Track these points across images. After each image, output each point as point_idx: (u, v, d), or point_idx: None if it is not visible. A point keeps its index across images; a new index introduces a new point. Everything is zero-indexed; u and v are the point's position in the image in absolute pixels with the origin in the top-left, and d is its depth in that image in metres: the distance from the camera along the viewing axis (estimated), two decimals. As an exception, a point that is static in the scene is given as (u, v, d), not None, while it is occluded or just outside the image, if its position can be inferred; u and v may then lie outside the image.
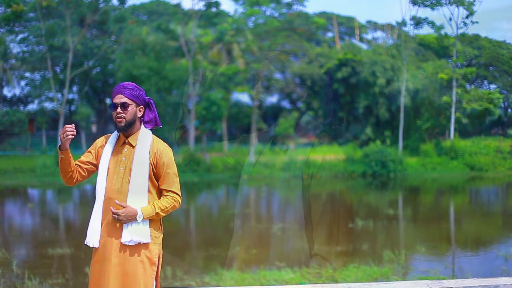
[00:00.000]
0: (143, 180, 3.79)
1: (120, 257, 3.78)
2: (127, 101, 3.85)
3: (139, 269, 3.77)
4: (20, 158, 37.78)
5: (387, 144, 38.59)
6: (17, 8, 39.93)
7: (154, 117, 4.02)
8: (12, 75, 42.94)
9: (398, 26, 44.07)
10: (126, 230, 3.77)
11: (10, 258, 13.91)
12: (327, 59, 43.15)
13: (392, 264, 12.96)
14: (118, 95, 3.88)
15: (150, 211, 3.72)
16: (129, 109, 3.85)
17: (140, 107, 3.92)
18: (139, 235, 3.77)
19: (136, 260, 3.77)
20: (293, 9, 45.72)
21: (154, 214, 3.74)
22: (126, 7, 44.42)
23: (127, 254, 3.77)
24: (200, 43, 41.03)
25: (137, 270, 3.76)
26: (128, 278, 3.76)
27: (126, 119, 3.84)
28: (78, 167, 4.01)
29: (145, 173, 3.83)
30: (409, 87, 40.15)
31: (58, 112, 40.42)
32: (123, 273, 3.76)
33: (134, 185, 3.78)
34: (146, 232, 3.79)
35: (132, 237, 3.76)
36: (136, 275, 3.76)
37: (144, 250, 3.81)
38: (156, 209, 3.75)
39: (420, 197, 29.73)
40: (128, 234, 3.76)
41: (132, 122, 3.87)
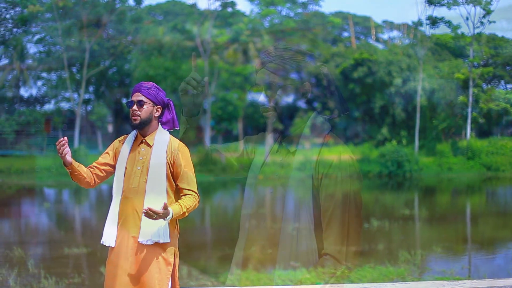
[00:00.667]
0: (160, 179, 3.80)
1: (136, 256, 3.78)
2: (144, 99, 3.87)
3: (155, 269, 3.77)
4: (37, 157, 37.92)
5: (403, 144, 38.44)
6: (34, 9, 40.08)
7: (172, 119, 4.03)
8: (29, 75, 43.09)
9: (414, 25, 43.92)
10: (144, 230, 3.77)
11: (26, 257, 13.97)
12: (343, 59, 43.05)
13: (408, 265, 12.92)
14: (136, 93, 3.90)
15: (178, 210, 3.72)
16: (144, 107, 3.86)
17: (157, 107, 3.92)
18: (158, 235, 3.77)
19: (152, 260, 3.78)
20: (308, 9, 45.68)
21: (181, 214, 3.74)
22: (142, 7, 44.50)
23: (143, 254, 3.78)
24: (216, 43, 41.05)
25: (152, 270, 3.77)
26: (143, 277, 3.76)
27: (141, 117, 3.86)
28: (96, 168, 4.02)
29: (162, 172, 3.84)
30: (425, 87, 39.99)
31: (75, 112, 40.57)
32: (138, 272, 3.77)
33: (151, 184, 3.78)
34: (164, 232, 3.79)
35: (150, 236, 3.76)
36: (151, 275, 3.77)
37: (160, 250, 3.81)
38: (183, 208, 3.75)
39: (436, 197, 29.62)
40: (146, 234, 3.76)
41: (147, 121, 3.89)
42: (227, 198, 29.26)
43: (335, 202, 3.73)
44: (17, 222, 21.46)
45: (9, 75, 42.73)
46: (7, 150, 39.09)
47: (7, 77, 42.73)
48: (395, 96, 41.05)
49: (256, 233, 4.01)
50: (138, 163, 3.88)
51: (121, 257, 3.81)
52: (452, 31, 41.76)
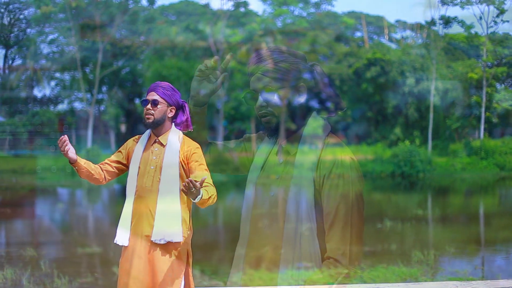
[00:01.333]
0: (173, 178, 3.81)
1: (149, 255, 3.79)
2: (158, 99, 3.89)
3: (168, 268, 3.78)
4: (50, 157, 38.03)
5: (416, 144, 38.30)
6: (47, 9, 40.23)
7: (185, 120, 4.03)
8: (42, 75, 43.25)
9: (427, 25, 43.80)
10: (157, 229, 3.78)
11: (39, 256, 14.02)
12: (356, 58, 42.98)
13: (421, 265, 12.89)
14: (151, 92, 3.93)
15: (206, 195, 3.71)
16: (158, 107, 3.88)
17: (171, 108, 3.94)
18: (171, 235, 3.78)
19: (165, 259, 3.79)
20: (321, 9, 45.64)
21: (206, 199, 3.73)
22: (155, 7, 44.60)
23: (157, 253, 3.79)
24: (228, 43, 41.08)
25: (165, 269, 3.78)
26: (156, 277, 3.78)
27: (154, 116, 3.88)
28: (107, 165, 4.03)
29: (175, 171, 3.85)
30: (438, 86, 39.88)
31: (88, 112, 40.69)
32: (151, 271, 3.78)
33: (165, 183, 3.79)
34: (177, 231, 3.80)
35: (163, 236, 3.77)
36: (165, 274, 3.78)
37: (174, 249, 3.82)
38: (209, 193, 3.74)
39: (449, 197, 29.53)
40: (159, 233, 3.77)
41: (160, 120, 3.90)
42: (240, 198, 29.31)
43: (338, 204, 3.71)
44: (30, 221, 21.55)
45: (23, 75, 42.91)
46: (20, 150, 39.23)
47: (21, 78, 42.90)
48: (408, 96, 40.95)
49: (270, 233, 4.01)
50: (152, 163, 3.89)
51: (135, 256, 3.82)
52: (465, 30, 41.63)
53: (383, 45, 46.56)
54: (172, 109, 3.94)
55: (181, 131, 4.03)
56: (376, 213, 22.89)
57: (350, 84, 43.11)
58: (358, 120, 43.15)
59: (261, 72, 3.85)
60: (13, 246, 16.52)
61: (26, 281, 11.70)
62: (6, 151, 39.05)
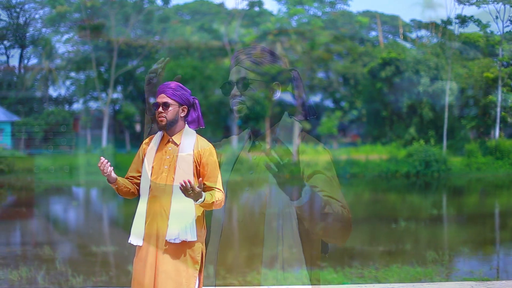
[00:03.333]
0: (187, 177, 3.80)
1: (163, 255, 3.80)
2: (169, 100, 3.88)
3: (182, 267, 3.79)
4: (65, 156, 38.18)
5: (431, 144, 38.20)
6: (62, 9, 40.40)
7: (197, 118, 4.04)
8: (58, 75, 43.43)
9: (443, 24, 43.65)
10: (171, 228, 3.79)
11: (54, 255, 14.08)
12: (370, 58, 42.91)
13: (436, 265, 12.87)
14: (161, 94, 3.92)
15: (209, 198, 3.73)
16: (170, 109, 3.88)
17: (183, 107, 3.94)
18: (185, 233, 3.78)
19: (179, 258, 3.79)
20: (336, 8, 45.58)
21: (210, 203, 3.75)
22: (170, 7, 44.69)
23: (171, 252, 3.79)
24: (243, 43, 41.08)
25: (179, 268, 3.78)
26: (170, 276, 3.78)
27: (167, 118, 3.88)
28: (134, 179, 4.05)
29: (189, 170, 3.85)
30: (453, 86, 39.74)
31: (103, 112, 40.82)
32: (165, 271, 3.79)
33: (179, 182, 3.80)
34: (192, 230, 3.81)
35: (178, 235, 3.78)
36: (179, 273, 3.78)
37: (188, 249, 3.82)
38: (213, 198, 3.77)
39: (464, 197, 29.44)
40: (173, 232, 3.78)
41: (173, 121, 3.90)
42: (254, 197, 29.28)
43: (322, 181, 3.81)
44: (45, 220, 21.64)
45: (38, 74, 43.09)
46: (36, 149, 39.39)
47: (36, 77, 43.09)
48: (423, 96, 40.84)
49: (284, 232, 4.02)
50: (165, 162, 3.90)
51: (149, 255, 3.83)
52: (481, 29, 41.45)
53: (398, 45, 46.43)
54: (184, 108, 3.94)
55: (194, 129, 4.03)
56: (391, 213, 22.86)
57: (364, 83, 43.06)
58: (372, 120, 43.08)
59: (241, 65, 3.95)
60: (28, 245, 16.61)
61: (41, 280, 11.75)
62: (22, 150, 39.22)
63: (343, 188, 3.64)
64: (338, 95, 46.93)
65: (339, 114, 43.54)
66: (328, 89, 46.71)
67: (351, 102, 44.71)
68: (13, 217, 23.15)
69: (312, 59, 42.54)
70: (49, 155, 38.49)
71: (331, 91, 46.80)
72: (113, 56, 40.38)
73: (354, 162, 37.10)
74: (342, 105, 46.06)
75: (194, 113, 4.02)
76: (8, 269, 12.69)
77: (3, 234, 19.87)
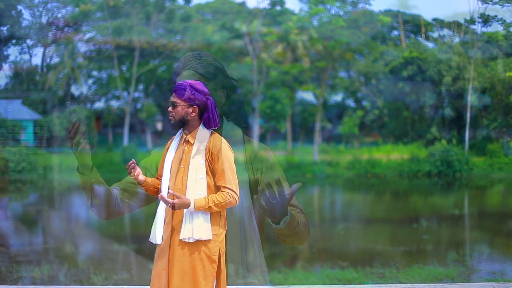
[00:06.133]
0: (200, 176, 3.82)
1: (180, 254, 3.81)
2: (177, 100, 3.92)
3: (198, 266, 3.80)
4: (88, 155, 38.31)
5: (452, 144, 38.04)
6: (85, 8, 40.64)
7: (207, 118, 4.04)
8: (80, 73, 43.68)
9: (466, 23, 43.43)
10: (185, 227, 3.80)
11: (76, 253, 14.16)
12: (392, 57, 42.80)
13: (457, 265, 12.82)
14: (173, 93, 3.97)
15: (203, 203, 3.72)
16: (178, 108, 3.91)
17: (193, 107, 3.95)
18: (200, 232, 3.79)
19: (195, 257, 3.80)
20: (358, 7, 45.47)
21: (206, 207, 3.74)
22: (192, 6, 44.82)
23: (186, 251, 3.80)
24: (264, 42, 41.11)
25: (195, 268, 3.79)
26: (187, 275, 3.79)
27: (175, 117, 3.92)
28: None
29: (201, 169, 3.86)
30: (476, 85, 39.54)
31: (124, 110, 41.02)
32: (182, 270, 3.81)
33: (192, 182, 3.81)
34: (207, 229, 3.81)
35: (192, 234, 3.79)
36: (195, 272, 3.79)
37: (204, 248, 3.82)
38: (209, 202, 3.75)
39: (486, 198, 29.28)
40: (187, 231, 3.79)
41: (182, 121, 3.93)
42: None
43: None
44: (68, 218, 21.75)
45: (60, 73, 43.36)
46: (58, 147, 39.64)
47: (59, 76, 43.35)
48: (445, 95, 40.69)
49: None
50: (182, 162, 3.92)
51: (167, 254, 3.86)
52: (504, 29, 41.20)
53: (420, 44, 46.28)
54: (195, 108, 3.95)
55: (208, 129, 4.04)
56: (412, 213, 22.79)
57: (386, 82, 42.94)
58: (394, 119, 42.98)
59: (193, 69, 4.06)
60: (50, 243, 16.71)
61: (63, 277, 11.82)
62: (44, 148, 39.47)
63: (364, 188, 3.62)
64: (360, 95, 46.86)
65: (360, 114, 43.48)
66: (349, 88, 46.63)
67: (373, 102, 44.61)
68: (35, 215, 23.31)
69: (334, 58, 42.49)
70: (71, 154, 38.67)
71: (352, 91, 46.73)
72: (134, 55, 40.56)
73: (375, 161, 37.04)
74: (364, 104, 45.98)
75: (206, 113, 4.04)
76: (30, 267, 12.78)
77: (25, 232, 20.01)
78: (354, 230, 18.95)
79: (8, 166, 34.46)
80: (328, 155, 39.23)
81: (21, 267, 12.82)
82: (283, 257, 12.61)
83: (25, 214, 24.10)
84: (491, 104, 40.17)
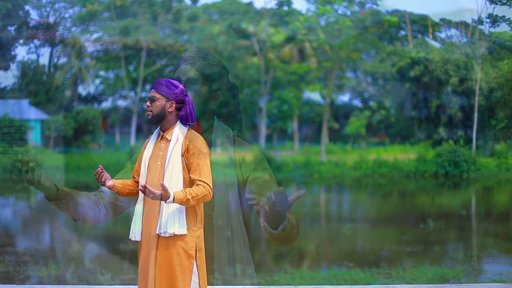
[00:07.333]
0: (176, 172, 3.89)
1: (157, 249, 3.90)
2: (156, 95, 4.01)
3: (175, 261, 3.86)
4: (94, 155, 38.48)
5: (460, 144, 37.96)
6: (92, 8, 40.73)
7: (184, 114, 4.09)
8: (87, 73, 43.77)
9: (473, 24, 43.34)
10: (161, 222, 3.86)
11: (83, 253, 14.19)
12: (399, 57, 42.76)
13: (464, 266, 12.81)
14: (151, 90, 4.05)
15: (181, 196, 3.75)
16: (156, 103, 3.99)
17: (170, 102, 4.01)
18: (173, 227, 3.84)
19: (173, 252, 3.86)
20: (365, 8, 45.43)
21: (184, 200, 3.77)
22: (198, 6, 44.86)
23: (165, 246, 3.87)
24: (271, 42, 41.12)
25: (173, 262, 3.86)
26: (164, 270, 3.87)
27: (153, 112, 3.99)
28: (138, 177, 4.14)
29: (178, 165, 3.92)
30: (483, 86, 39.47)
31: (131, 110, 41.10)
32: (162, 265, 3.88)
33: (168, 178, 3.87)
34: (181, 224, 3.87)
35: (167, 228, 3.84)
36: (173, 267, 3.86)
37: (180, 242, 3.88)
38: (187, 195, 3.78)
39: (493, 198, 29.25)
40: (163, 225, 3.86)
41: (159, 116, 4.01)
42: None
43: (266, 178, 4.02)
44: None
45: (68, 73, 43.47)
46: (65, 147, 39.74)
47: (66, 76, 43.46)
48: (452, 95, 40.63)
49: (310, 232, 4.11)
50: (158, 158, 3.99)
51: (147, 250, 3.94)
52: (511, 29, 41.11)
53: (427, 44, 46.23)
54: (172, 103, 4.01)
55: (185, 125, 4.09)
56: (419, 213, 22.77)
57: (393, 83, 42.90)
58: (401, 120, 42.94)
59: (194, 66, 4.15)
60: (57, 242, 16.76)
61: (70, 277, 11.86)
62: (51, 148, 39.57)
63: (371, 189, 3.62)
64: (367, 95, 46.82)
65: (367, 114, 43.45)
66: (356, 88, 46.61)
67: (380, 102, 44.55)
68: (42, 215, 23.38)
69: (341, 58, 42.47)
70: (78, 153, 38.79)
71: (359, 91, 46.70)
72: (141, 55, 40.62)
73: (382, 162, 37.01)
74: (371, 104, 45.95)
75: (184, 109, 4.08)
76: (37, 266, 12.82)
77: (33, 231, 20.08)
78: (360, 230, 18.96)
79: (15, 166, 34.54)
80: (335, 155, 39.21)
81: (28, 266, 12.87)
82: (290, 257, 12.61)
83: (32, 214, 24.18)
84: (499, 104, 40.09)
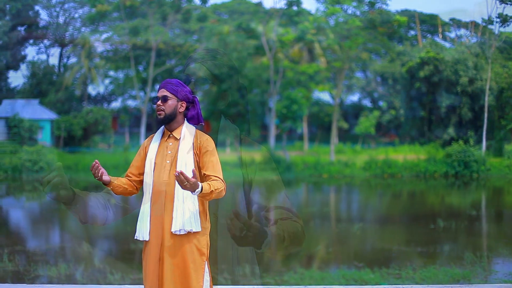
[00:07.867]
0: (189, 169, 3.87)
1: (170, 247, 3.86)
2: (168, 95, 3.99)
3: (189, 259, 3.84)
4: (104, 154, 38.53)
5: (470, 144, 37.87)
6: (102, 8, 40.82)
7: (196, 114, 4.10)
8: (97, 73, 43.87)
9: (483, 23, 43.24)
10: (176, 220, 3.85)
11: (92, 252, 14.21)
12: (409, 57, 42.69)
13: (474, 266, 12.76)
14: (161, 89, 4.03)
15: (207, 188, 3.75)
16: (169, 102, 3.97)
17: (182, 102, 4.02)
18: (190, 224, 3.83)
19: (186, 250, 3.84)
20: (375, 7, 45.38)
21: (209, 192, 3.77)
22: (208, 6, 44.90)
23: (177, 244, 3.85)
24: (281, 42, 41.13)
25: (187, 260, 3.84)
26: (178, 268, 3.84)
27: (165, 111, 3.98)
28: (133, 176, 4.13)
29: (190, 163, 3.91)
30: (493, 86, 39.38)
31: (141, 110, 41.17)
32: (173, 263, 3.85)
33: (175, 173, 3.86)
34: (196, 221, 3.86)
35: (183, 226, 3.83)
36: (187, 265, 3.84)
37: (195, 240, 3.87)
38: (212, 187, 3.78)
39: (503, 198, 29.15)
40: (178, 223, 3.83)
41: (171, 115, 3.99)
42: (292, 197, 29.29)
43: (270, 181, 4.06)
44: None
45: (77, 73, 43.59)
46: (75, 146, 39.84)
47: (76, 76, 43.58)
48: (461, 95, 40.54)
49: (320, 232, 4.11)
50: (167, 157, 3.98)
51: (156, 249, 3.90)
52: (521, 29, 41.00)
53: (436, 44, 46.13)
54: (183, 103, 4.02)
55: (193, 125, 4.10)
56: (429, 213, 22.71)
57: (403, 83, 42.83)
58: (410, 120, 42.87)
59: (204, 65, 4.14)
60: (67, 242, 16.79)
61: (80, 276, 11.87)
62: (61, 147, 39.68)
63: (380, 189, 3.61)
64: (376, 95, 46.81)
65: (377, 114, 43.43)
66: (366, 88, 46.60)
67: (389, 102, 44.52)
68: (52, 214, 23.44)
69: (350, 58, 42.45)
70: (88, 153, 38.86)
71: (369, 91, 46.69)
72: (151, 55, 40.69)
73: (392, 162, 36.95)
74: (380, 104, 45.92)
75: (193, 110, 4.09)
76: (47, 266, 12.85)
77: (43, 231, 20.12)
78: (370, 230, 18.94)
79: (26, 166, 34.67)
80: (344, 155, 39.18)
81: (39, 266, 12.90)
82: (299, 257, 12.60)
83: (42, 213, 24.24)
84: (509, 104, 39.99)
